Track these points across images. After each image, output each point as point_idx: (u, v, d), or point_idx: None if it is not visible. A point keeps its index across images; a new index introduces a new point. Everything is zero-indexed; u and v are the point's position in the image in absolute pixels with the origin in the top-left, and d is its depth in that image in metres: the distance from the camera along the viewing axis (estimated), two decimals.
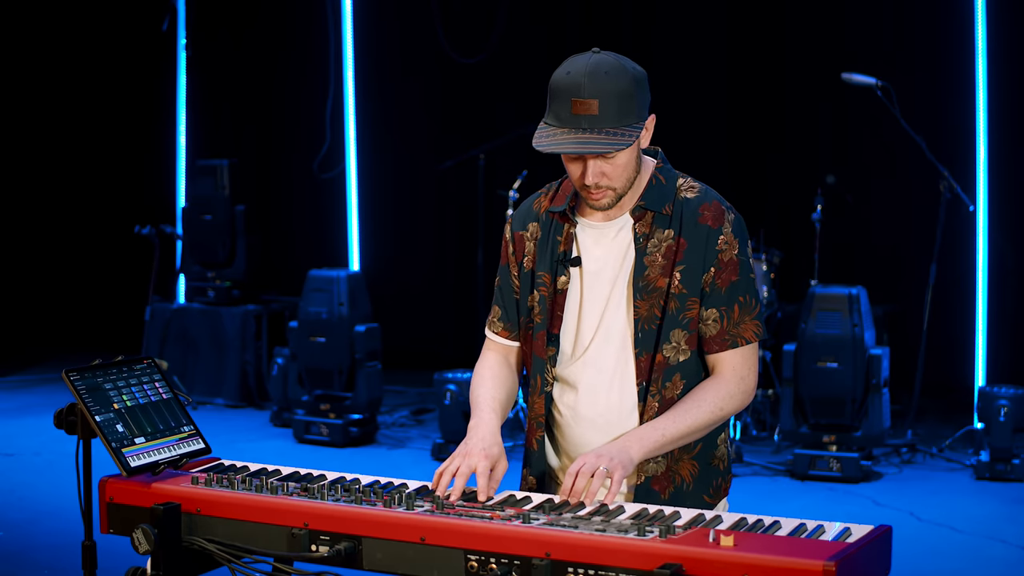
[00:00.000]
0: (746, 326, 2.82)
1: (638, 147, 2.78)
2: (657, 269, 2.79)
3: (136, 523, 2.65)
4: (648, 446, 2.73)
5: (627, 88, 2.69)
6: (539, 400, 2.91)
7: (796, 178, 8.43)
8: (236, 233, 8.85)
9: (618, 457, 2.66)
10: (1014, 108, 7.80)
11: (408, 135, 9.72)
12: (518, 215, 2.99)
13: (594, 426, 2.85)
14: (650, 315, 2.79)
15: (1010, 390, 6.65)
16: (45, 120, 10.93)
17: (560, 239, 2.88)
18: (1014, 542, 5.62)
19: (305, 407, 7.70)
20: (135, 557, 2.67)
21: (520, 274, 2.95)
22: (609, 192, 2.77)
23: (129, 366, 2.89)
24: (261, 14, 10.22)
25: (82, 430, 2.75)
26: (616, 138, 2.67)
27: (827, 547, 2.26)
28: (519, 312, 2.97)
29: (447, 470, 2.70)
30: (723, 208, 2.82)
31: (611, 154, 2.71)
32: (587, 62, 2.70)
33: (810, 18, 8.61)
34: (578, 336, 2.86)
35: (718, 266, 2.79)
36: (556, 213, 2.90)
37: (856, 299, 6.74)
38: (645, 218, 2.82)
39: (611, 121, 2.68)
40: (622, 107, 2.69)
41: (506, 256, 2.99)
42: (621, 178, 2.76)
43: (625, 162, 2.74)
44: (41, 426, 7.42)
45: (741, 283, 2.81)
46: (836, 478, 6.61)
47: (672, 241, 2.79)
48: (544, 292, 2.89)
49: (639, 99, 2.72)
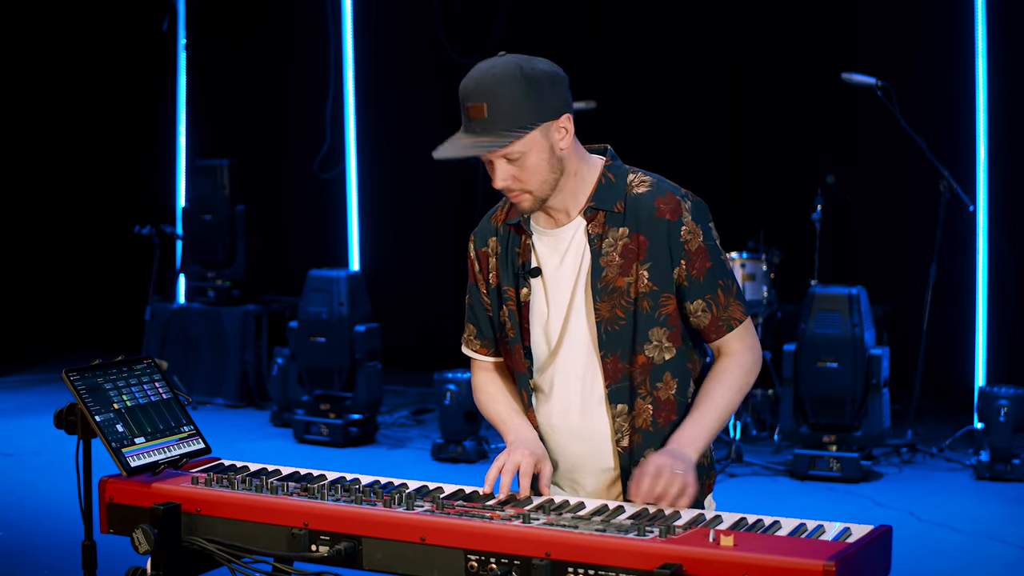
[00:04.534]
0: (734, 307, 2.82)
1: (550, 148, 2.72)
2: (615, 268, 2.77)
3: (136, 523, 2.65)
4: (700, 444, 2.75)
5: (518, 90, 2.67)
6: (529, 413, 2.92)
7: (796, 178, 8.43)
8: (236, 233, 8.85)
9: (685, 463, 2.67)
10: (1014, 108, 7.79)
11: (408, 135, 9.71)
12: (479, 232, 2.97)
13: (568, 433, 2.85)
14: (612, 316, 2.78)
15: (1010, 390, 6.65)
16: (45, 120, 10.93)
17: (519, 251, 2.88)
18: (1014, 542, 5.62)
19: (305, 407, 7.70)
20: (135, 557, 2.67)
21: (488, 291, 2.95)
22: (526, 195, 2.75)
23: (129, 366, 2.89)
24: (261, 14, 10.22)
25: (82, 430, 2.75)
26: (502, 139, 2.67)
27: (827, 547, 2.26)
28: (494, 329, 2.97)
29: (493, 468, 2.71)
30: (678, 198, 2.79)
31: (516, 157, 2.70)
32: (483, 66, 2.72)
33: (811, 18, 8.61)
34: (547, 345, 2.85)
35: (687, 257, 2.77)
36: (512, 225, 2.89)
37: (856, 299, 6.73)
38: (597, 218, 2.80)
39: (503, 123, 2.67)
40: (516, 109, 2.67)
41: (473, 274, 2.98)
42: (534, 180, 2.73)
43: (534, 164, 2.71)
44: (41, 426, 7.42)
45: (716, 268, 2.80)
46: (836, 478, 6.61)
47: (628, 239, 2.77)
48: (512, 306, 2.89)
49: (536, 100, 2.68)
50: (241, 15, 10.23)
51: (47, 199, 11.05)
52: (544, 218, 2.85)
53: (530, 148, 2.70)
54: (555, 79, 2.72)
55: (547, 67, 2.74)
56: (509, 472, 2.70)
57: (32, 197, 11.00)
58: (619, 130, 9.01)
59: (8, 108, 10.75)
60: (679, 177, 2.98)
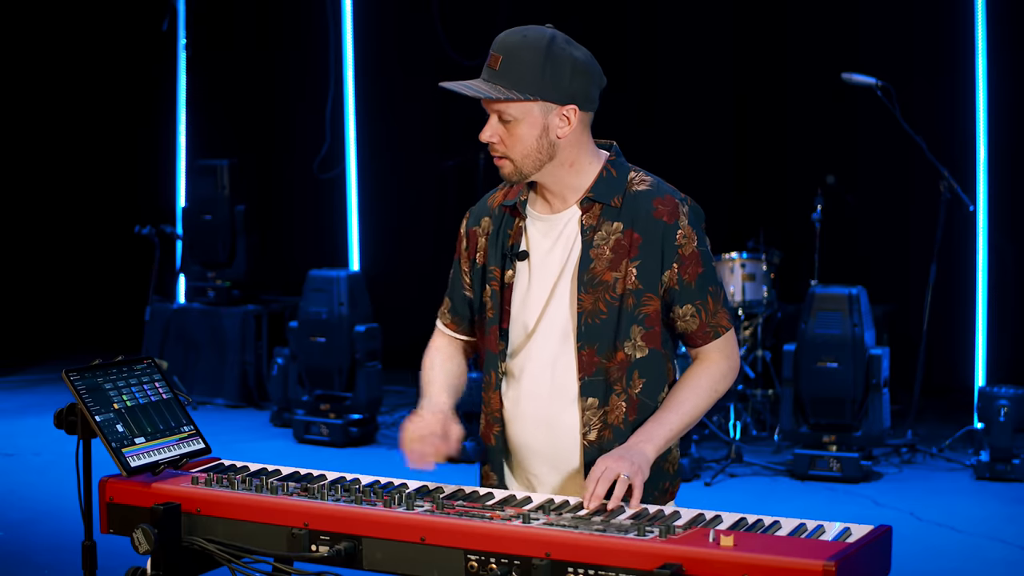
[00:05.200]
0: (721, 315, 2.83)
1: (544, 128, 2.72)
2: (604, 262, 2.77)
3: (136, 523, 2.65)
4: (659, 443, 2.73)
5: (535, 58, 2.69)
6: (494, 395, 2.90)
7: (796, 178, 8.43)
8: (236, 233, 8.85)
9: (637, 461, 2.65)
10: (1014, 108, 7.80)
11: (408, 135, 9.71)
12: (474, 211, 2.99)
13: (534, 420, 2.83)
14: (595, 309, 2.77)
15: (1010, 390, 6.66)
16: (45, 120, 10.93)
17: (510, 232, 2.88)
18: (1014, 542, 5.62)
19: (305, 407, 7.70)
20: (135, 557, 2.67)
21: (472, 270, 2.95)
22: (506, 161, 2.76)
23: (129, 366, 2.89)
24: (261, 14, 10.22)
25: (82, 430, 2.75)
26: (499, 93, 2.68)
27: (827, 547, 2.26)
28: (471, 308, 2.97)
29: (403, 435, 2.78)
30: (676, 201, 2.79)
31: (509, 119, 2.71)
32: (524, 27, 2.76)
33: (811, 19, 8.61)
34: (524, 329, 2.84)
35: (680, 261, 2.77)
36: (508, 207, 2.89)
37: (856, 299, 6.73)
38: (593, 210, 2.79)
39: (507, 81, 2.69)
40: (524, 72, 2.68)
41: (459, 251, 2.99)
42: (516, 150, 2.73)
43: (522, 134, 2.72)
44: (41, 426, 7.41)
45: (707, 274, 2.80)
46: (836, 478, 6.61)
47: (621, 235, 2.77)
48: (495, 287, 2.88)
49: (547, 76, 2.69)
50: (241, 15, 10.22)
51: (47, 199, 11.04)
52: (541, 203, 2.85)
53: (524, 117, 2.71)
54: (581, 69, 2.73)
55: (580, 55, 2.75)
56: (417, 433, 2.75)
57: (32, 197, 11.00)
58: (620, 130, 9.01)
59: (8, 108, 10.74)
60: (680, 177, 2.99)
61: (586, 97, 2.75)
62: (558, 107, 2.71)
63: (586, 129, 2.80)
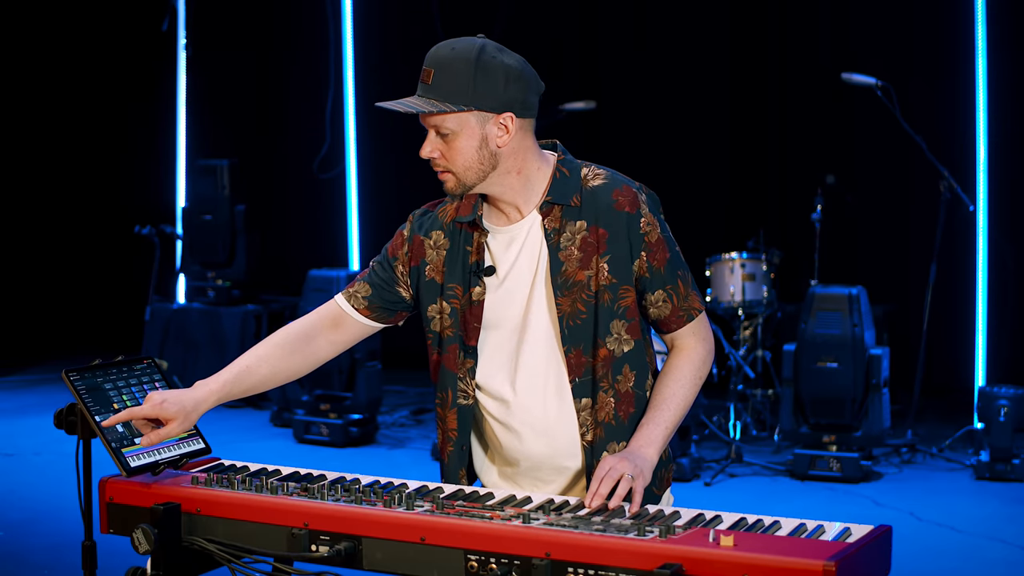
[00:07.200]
0: (692, 297, 2.84)
1: (483, 138, 2.71)
2: (575, 263, 2.77)
3: (136, 523, 2.65)
4: (660, 444, 2.76)
5: (465, 70, 2.68)
6: (451, 414, 2.88)
7: (796, 178, 8.43)
8: (236, 233, 8.85)
9: (640, 465, 2.66)
10: (1014, 108, 7.80)
11: (408, 135, 9.67)
12: (422, 220, 2.93)
13: (534, 430, 2.82)
14: (574, 310, 2.77)
15: (1010, 390, 6.65)
16: (45, 120, 10.93)
17: (471, 249, 2.84)
18: (1014, 542, 5.62)
19: (305, 407, 7.70)
20: (135, 557, 2.67)
21: (413, 277, 2.90)
22: (448, 175, 2.75)
23: (129, 366, 2.89)
24: (261, 14, 10.22)
25: (82, 430, 2.75)
26: (431, 107, 2.69)
27: (827, 547, 2.26)
28: (400, 307, 2.93)
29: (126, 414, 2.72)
30: (634, 191, 2.80)
31: (446, 132, 2.71)
32: (453, 40, 2.75)
33: (811, 18, 8.62)
34: (508, 344, 2.82)
35: (648, 249, 2.77)
36: (464, 223, 2.86)
37: (856, 299, 6.73)
38: (553, 213, 2.79)
39: (440, 94, 2.69)
40: (456, 84, 2.68)
41: (396, 250, 2.93)
42: (457, 162, 2.73)
43: (461, 147, 2.71)
44: (41, 426, 7.43)
45: (674, 259, 2.82)
46: (836, 478, 6.61)
47: (587, 232, 2.77)
48: (456, 304, 2.85)
49: (479, 86, 2.67)
50: (241, 15, 10.22)
51: (47, 199, 11.04)
52: (496, 215, 2.84)
53: (461, 129, 2.70)
54: (515, 76, 2.70)
55: (513, 63, 2.72)
56: (138, 414, 2.70)
57: (32, 197, 11.00)
58: (619, 130, 9.03)
59: (8, 108, 10.74)
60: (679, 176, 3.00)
61: (523, 104, 2.72)
62: (495, 116, 2.70)
63: (527, 135, 2.77)
